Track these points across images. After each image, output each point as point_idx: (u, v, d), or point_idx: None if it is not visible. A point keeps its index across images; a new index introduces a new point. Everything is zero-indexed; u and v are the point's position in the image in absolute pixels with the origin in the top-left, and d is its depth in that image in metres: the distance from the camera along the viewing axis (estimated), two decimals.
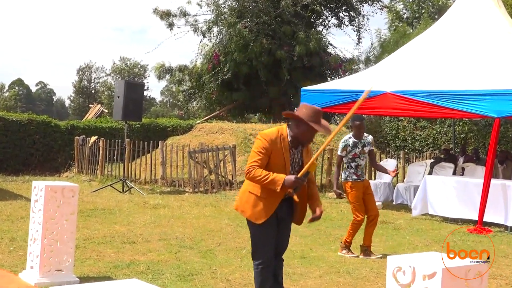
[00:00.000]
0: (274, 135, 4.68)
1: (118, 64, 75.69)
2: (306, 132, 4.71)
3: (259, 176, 4.56)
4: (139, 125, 22.76)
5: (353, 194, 7.85)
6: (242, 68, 23.10)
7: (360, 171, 7.93)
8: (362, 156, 7.93)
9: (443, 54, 12.57)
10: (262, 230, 4.70)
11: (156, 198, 12.81)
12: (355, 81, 13.35)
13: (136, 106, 14.45)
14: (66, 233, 5.93)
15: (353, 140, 7.95)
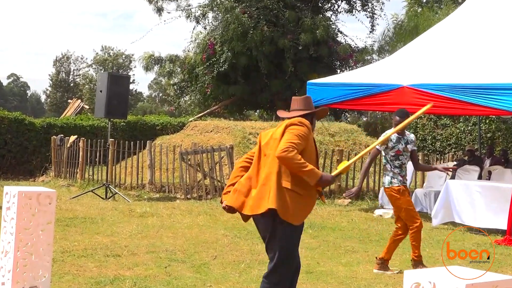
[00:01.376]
0: (309, 124, 4.91)
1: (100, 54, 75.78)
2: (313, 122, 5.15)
3: (298, 159, 4.59)
4: (124, 123, 22.76)
5: (404, 199, 7.61)
6: (240, 58, 23.13)
7: (404, 172, 7.75)
8: (405, 154, 7.76)
9: (467, 43, 12.56)
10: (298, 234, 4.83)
11: (144, 206, 12.81)
12: (368, 73, 13.36)
13: (120, 101, 14.45)
14: (42, 245, 5.93)
15: (396, 135, 7.76)
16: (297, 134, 4.69)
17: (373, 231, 10.53)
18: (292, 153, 4.56)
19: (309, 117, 5.02)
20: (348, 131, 20.23)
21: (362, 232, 10.40)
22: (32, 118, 21.95)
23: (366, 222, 11.52)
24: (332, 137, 19.26)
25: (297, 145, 4.63)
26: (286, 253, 4.72)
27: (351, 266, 7.82)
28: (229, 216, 11.64)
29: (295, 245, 4.78)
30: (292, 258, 4.76)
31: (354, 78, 13.17)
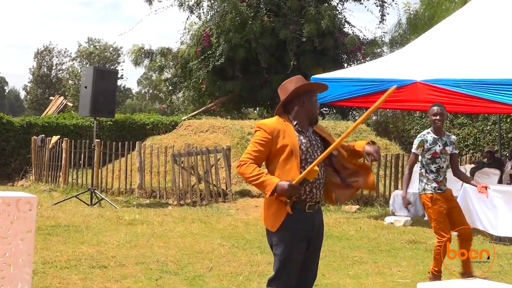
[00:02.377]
0: (274, 123, 4.78)
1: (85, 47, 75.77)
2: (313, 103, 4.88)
3: (249, 173, 4.61)
4: (111, 122, 22.77)
5: (435, 209, 7.46)
6: (238, 51, 23.14)
7: (442, 177, 7.57)
8: (443, 157, 7.61)
9: (486, 34, 12.55)
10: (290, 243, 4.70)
11: (133, 212, 12.80)
12: (377, 67, 13.35)
13: (107, 98, 14.44)
14: (22, 256, 5.92)
15: (432, 135, 7.65)
16: (252, 141, 4.74)
17: (383, 240, 10.52)
18: (242, 167, 4.64)
19: (293, 104, 4.84)
20: (356, 130, 20.20)
21: (372, 242, 10.39)
22: (10, 117, 21.95)
23: (375, 230, 11.51)
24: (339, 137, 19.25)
25: (252, 155, 4.67)
26: (280, 263, 4.72)
27: (359, 279, 7.81)
28: (226, 224, 11.65)
29: (289, 254, 4.69)
30: (288, 269, 4.71)
31: (362, 73, 13.15)
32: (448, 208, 7.49)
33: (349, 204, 14.35)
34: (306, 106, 4.82)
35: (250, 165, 4.62)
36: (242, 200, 14.81)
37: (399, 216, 12.71)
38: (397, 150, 19.41)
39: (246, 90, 24.86)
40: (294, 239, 4.69)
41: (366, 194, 15.05)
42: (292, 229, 4.66)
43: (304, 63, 23.31)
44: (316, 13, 22.81)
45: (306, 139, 4.79)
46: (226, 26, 22.99)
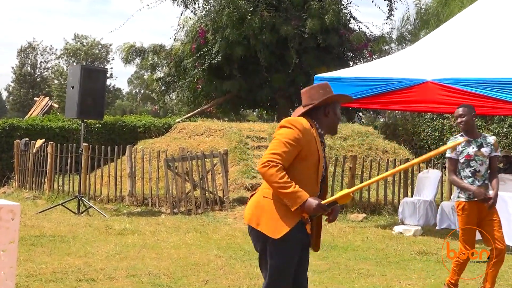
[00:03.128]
0: (306, 124, 4.68)
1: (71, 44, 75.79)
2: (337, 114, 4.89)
3: (278, 179, 4.47)
4: (100, 125, 22.77)
5: (463, 218, 7.30)
6: (236, 49, 23.15)
7: (481, 182, 7.30)
8: (479, 160, 7.37)
9: (502, 31, 12.55)
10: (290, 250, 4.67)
11: (123, 222, 12.79)
12: (385, 66, 13.35)
13: (96, 99, 14.44)
14: (4, 268, 5.91)
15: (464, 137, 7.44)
16: (284, 140, 4.58)
17: (391, 251, 10.51)
18: (272, 169, 4.50)
19: (318, 111, 4.80)
20: (362, 134, 20.23)
21: (379, 253, 10.38)
22: None
23: (383, 240, 11.50)
24: (344, 140, 19.26)
25: (282, 156, 4.54)
26: (276, 272, 4.68)
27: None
28: (223, 233, 11.64)
29: (287, 263, 4.67)
30: (285, 279, 4.70)
31: (369, 72, 13.15)
32: (481, 220, 7.28)
33: (355, 213, 14.36)
34: (330, 117, 4.82)
35: (281, 169, 4.49)
36: (240, 208, 14.79)
37: (409, 225, 12.71)
38: (406, 155, 19.43)
39: (245, 90, 24.87)
40: (294, 250, 4.68)
41: (373, 202, 15.06)
42: (294, 239, 4.63)
43: (306, 61, 23.33)
44: (319, 8, 22.84)
45: (323, 154, 4.79)
46: (223, 21, 23.01)
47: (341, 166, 15.46)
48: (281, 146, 4.55)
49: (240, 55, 23.33)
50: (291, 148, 4.54)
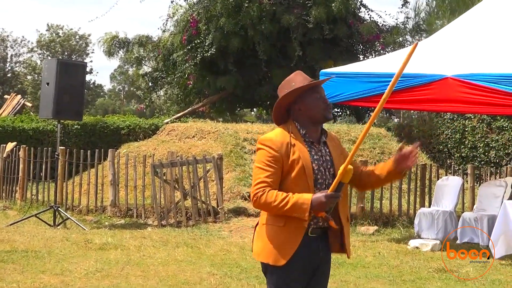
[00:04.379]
0: (279, 136, 4.73)
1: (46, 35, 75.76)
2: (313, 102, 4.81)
3: (273, 201, 4.54)
4: (78, 126, 22.76)
5: None
6: (232, 41, 23.17)
7: None
8: None
9: None
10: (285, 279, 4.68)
11: (104, 235, 12.79)
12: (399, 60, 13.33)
13: (74, 97, 14.42)
14: None
15: None
16: (261, 165, 4.66)
17: (406, 268, 10.51)
18: (262, 198, 4.57)
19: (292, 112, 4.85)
20: (374, 136, 20.25)
21: (393, 270, 10.38)
22: None
23: (397, 256, 11.50)
24: (354, 144, 19.22)
25: (266, 181, 4.61)
26: None
27: None
28: (217, 248, 11.65)
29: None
30: None
31: (381, 67, 13.13)
32: None
33: (366, 225, 14.36)
34: (305, 111, 4.81)
35: (270, 192, 4.56)
36: (237, 220, 14.80)
37: (426, 239, 12.70)
38: (423, 160, 19.43)
39: (242, 88, 24.88)
40: (298, 273, 4.70)
41: (386, 213, 15.06)
42: (299, 261, 4.66)
43: (311, 54, 23.35)
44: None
45: (318, 154, 4.77)
46: (217, 10, 23.03)
47: None
48: (261, 172, 4.64)
49: (237, 47, 23.34)
50: (272, 168, 4.62)
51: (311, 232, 4.69)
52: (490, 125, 22.87)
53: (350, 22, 23.99)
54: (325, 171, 4.74)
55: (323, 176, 4.71)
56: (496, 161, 22.33)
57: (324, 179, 4.71)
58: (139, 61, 29.68)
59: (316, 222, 4.69)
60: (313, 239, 4.71)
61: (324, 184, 4.69)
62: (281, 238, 4.62)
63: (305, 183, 4.63)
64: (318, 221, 4.68)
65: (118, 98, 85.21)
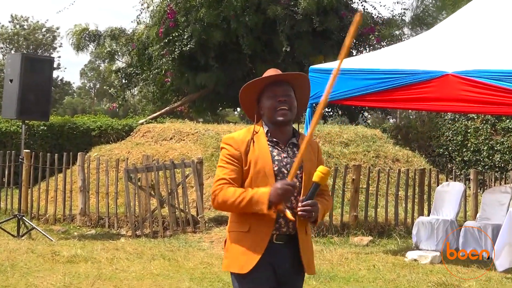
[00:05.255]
0: (242, 135, 4.89)
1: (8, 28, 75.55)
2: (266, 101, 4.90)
3: (230, 198, 4.69)
4: (45, 127, 22.70)
5: None
6: (213, 34, 23.19)
7: None
8: None
9: None
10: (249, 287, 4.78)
11: (73, 246, 12.76)
12: (396, 55, 13.38)
13: (40, 95, 14.38)
14: None
15: None
16: (221, 164, 4.85)
17: (404, 282, 10.54)
18: (220, 195, 4.75)
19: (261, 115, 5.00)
20: (368, 138, 20.29)
21: (389, 285, 10.41)
22: None
23: (394, 269, 11.53)
24: (345, 146, 19.32)
25: (224, 178, 4.78)
26: None
27: None
28: (196, 261, 11.64)
29: None
30: None
31: (376, 63, 13.17)
32: None
33: (359, 235, 14.38)
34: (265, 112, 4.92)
35: (228, 188, 4.72)
36: (218, 230, 14.80)
37: (425, 251, 12.73)
38: (422, 164, 19.51)
39: (224, 85, 24.89)
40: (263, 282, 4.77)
41: (381, 222, 15.10)
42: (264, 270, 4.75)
43: (299, 49, 23.39)
44: None
45: (282, 155, 4.87)
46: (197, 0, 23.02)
47: (342, 177, 15.48)
48: (220, 169, 4.83)
49: (218, 41, 23.36)
50: (231, 165, 4.80)
51: (276, 239, 4.78)
52: (494, 126, 22.94)
53: (342, 14, 24.06)
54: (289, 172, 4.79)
55: (287, 177, 4.75)
56: (501, 165, 22.39)
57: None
58: (111, 55, 29.63)
59: (279, 227, 4.77)
60: (279, 246, 4.80)
61: None
62: (245, 245, 4.74)
63: (265, 184, 4.71)
64: (281, 226, 4.77)
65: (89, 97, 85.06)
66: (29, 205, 15.90)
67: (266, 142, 4.83)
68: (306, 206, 4.65)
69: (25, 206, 15.63)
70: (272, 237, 4.75)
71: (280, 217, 4.74)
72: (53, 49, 75.54)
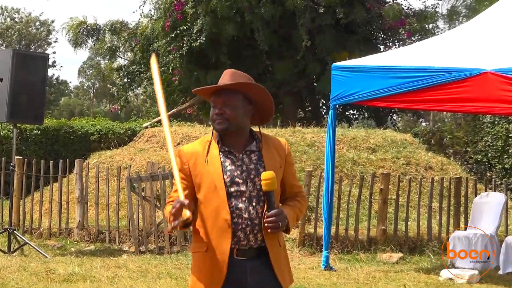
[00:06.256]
0: (192, 146, 5.12)
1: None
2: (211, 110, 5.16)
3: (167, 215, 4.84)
4: (38, 131, 22.75)
5: None
6: (225, 27, 23.20)
7: None
8: None
9: None
10: None
11: (70, 264, 12.79)
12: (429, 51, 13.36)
13: (33, 96, 14.40)
14: None
15: None
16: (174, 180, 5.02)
17: None
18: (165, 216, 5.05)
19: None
20: (397, 143, 20.25)
21: None
22: None
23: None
24: (372, 153, 19.28)
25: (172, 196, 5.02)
26: None
27: None
28: None
29: None
30: None
31: (406, 59, 13.15)
32: None
33: (388, 251, 14.35)
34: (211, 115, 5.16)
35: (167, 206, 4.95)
36: None
37: (462, 269, 12.69)
38: (457, 172, 19.43)
39: None
40: None
41: (412, 237, 15.05)
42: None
43: (321, 44, 23.39)
44: None
45: (236, 163, 5.01)
46: None
47: (369, 187, 15.42)
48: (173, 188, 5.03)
49: (231, 35, 23.36)
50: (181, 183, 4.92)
51: (237, 254, 4.94)
52: None
53: (369, 5, 24.00)
54: (246, 181, 4.97)
55: (242, 187, 4.94)
56: None
57: (245, 191, 4.95)
58: (112, 52, 29.63)
59: (237, 241, 4.93)
60: (243, 262, 4.94)
61: (244, 197, 4.93)
62: (206, 266, 4.94)
63: (217, 198, 4.91)
64: (240, 240, 4.92)
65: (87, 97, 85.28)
66: (21, 217, 15.93)
67: (217, 153, 5.00)
68: (270, 217, 4.80)
69: (17, 219, 15.66)
70: (232, 252, 4.89)
71: (237, 230, 4.89)
72: (47, 45, 75.77)
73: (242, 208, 4.89)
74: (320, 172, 15.00)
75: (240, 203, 4.89)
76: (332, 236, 13.95)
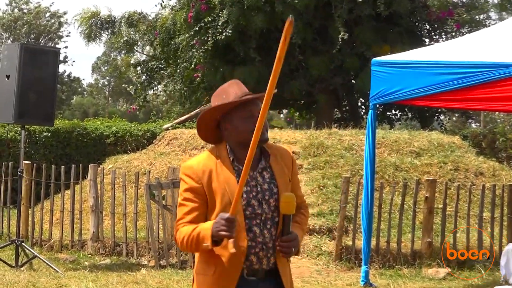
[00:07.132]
0: (202, 163, 5.10)
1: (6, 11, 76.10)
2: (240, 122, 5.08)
3: (184, 237, 4.95)
4: (49, 133, 22.83)
5: None
6: (254, 19, 23.19)
7: None
8: None
9: None
10: None
11: (84, 279, 12.83)
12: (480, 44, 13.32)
13: (43, 94, 14.44)
14: None
15: None
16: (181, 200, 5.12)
17: None
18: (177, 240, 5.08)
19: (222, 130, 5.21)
20: (445, 147, 20.18)
21: None
22: None
23: None
24: (417, 157, 19.23)
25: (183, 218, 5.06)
26: None
27: None
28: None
29: None
30: None
31: (455, 54, 13.11)
32: None
33: (434, 266, 14.30)
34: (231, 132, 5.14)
35: (183, 228, 4.98)
36: None
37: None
38: (511, 178, 19.33)
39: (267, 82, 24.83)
40: None
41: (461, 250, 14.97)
42: None
43: (359, 37, 23.35)
44: None
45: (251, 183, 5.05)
46: None
47: (413, 195, 15.36)
48: (180, 209, 5.13)
49: (260, 28, 23.35)
50: (192, 202, 5.03)
51: (248, 274, 5.01)
52: None
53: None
54: (261, 203, 5.02)
55: (258, 210, 5.00)
56: None
57: (260, 213, 5.00)
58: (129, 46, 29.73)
59: (250, 265, 5.00)
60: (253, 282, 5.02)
61: (259, 219, 4.99)
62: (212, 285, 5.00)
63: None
64: (252, 264, 4.99)
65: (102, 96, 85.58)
66: (29, 228, 15.99)
67: (231, 170, 5.02)
68: (285, 242, 4.88)
69: (25, 230, 15.72)
70: (243, 272, 4.96)
71: (250, 254, 4.94)
72: (58, 38, 76.03)
73: (257, 232, 4.96)
74: (359, 178, 14.94)
75: (255, 226, 4.95)
76: (372, 249, 13.91)
